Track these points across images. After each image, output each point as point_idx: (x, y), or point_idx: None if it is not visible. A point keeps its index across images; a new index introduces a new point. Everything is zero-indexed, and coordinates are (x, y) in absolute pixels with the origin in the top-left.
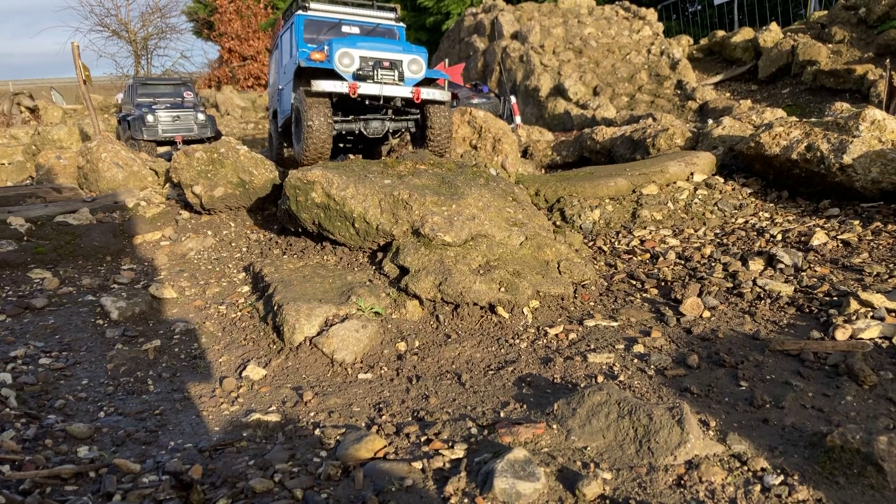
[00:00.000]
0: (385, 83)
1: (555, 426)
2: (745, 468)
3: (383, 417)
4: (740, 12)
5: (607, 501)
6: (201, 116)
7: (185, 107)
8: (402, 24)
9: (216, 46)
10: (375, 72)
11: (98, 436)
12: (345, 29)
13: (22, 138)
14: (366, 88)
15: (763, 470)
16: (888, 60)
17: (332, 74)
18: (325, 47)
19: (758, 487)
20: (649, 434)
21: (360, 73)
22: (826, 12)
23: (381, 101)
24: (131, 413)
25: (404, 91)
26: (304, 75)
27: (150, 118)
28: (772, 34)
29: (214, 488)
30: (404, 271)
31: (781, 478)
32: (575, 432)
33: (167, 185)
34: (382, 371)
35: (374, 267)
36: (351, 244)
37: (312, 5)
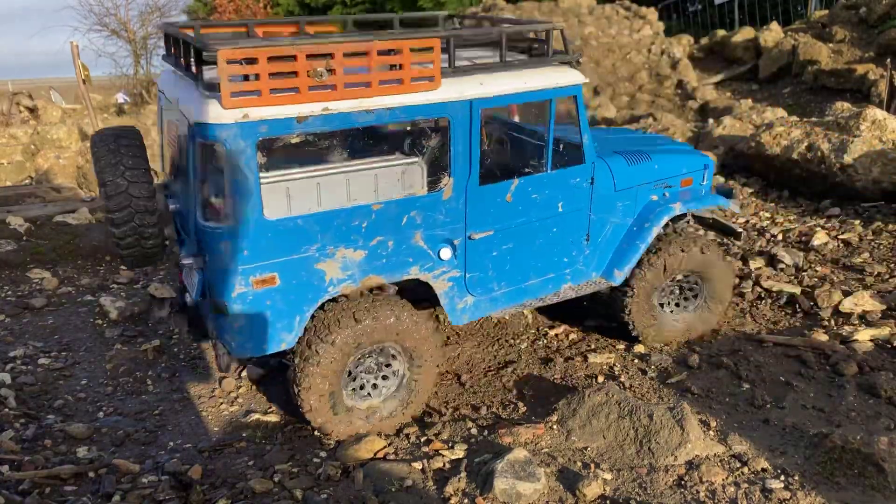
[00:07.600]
0: None
1: (555, 426)
2: (746, 468)
3: None
4: (741, 12)
5: (608, 502)
6: None
7: None
8: None
9: None
10: None
11: (97, 436)
12: None
13: (21, 138)
14: None
15: (764, 470)
16: (889, 60)
17: None
18: None
19: (758, 488)
20: (650, 434)
21: None
22: (827, 12)
23: None
24: (130, 413)
25: None
26: None
27: None
28: (772, 34)
29: (214, 488)
30: None
31: (782, 478)
32: (575, 433)
33: None
34: None
35: None
36: None
37: None
